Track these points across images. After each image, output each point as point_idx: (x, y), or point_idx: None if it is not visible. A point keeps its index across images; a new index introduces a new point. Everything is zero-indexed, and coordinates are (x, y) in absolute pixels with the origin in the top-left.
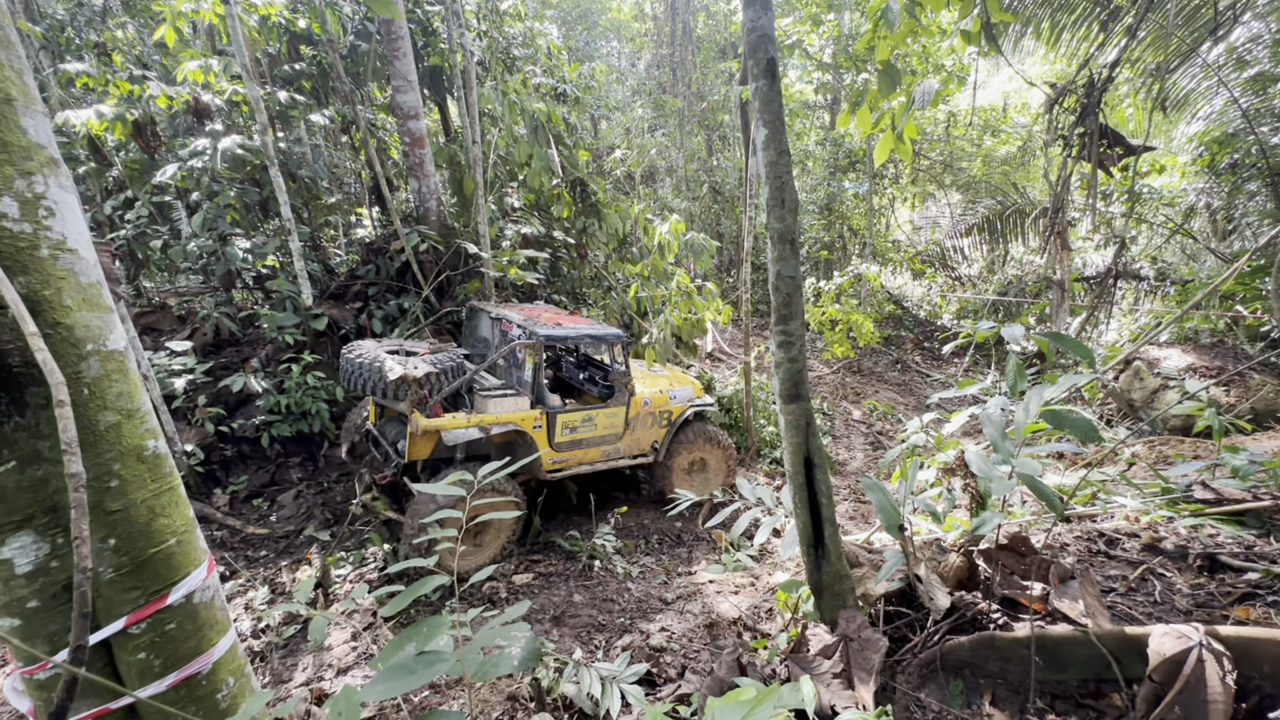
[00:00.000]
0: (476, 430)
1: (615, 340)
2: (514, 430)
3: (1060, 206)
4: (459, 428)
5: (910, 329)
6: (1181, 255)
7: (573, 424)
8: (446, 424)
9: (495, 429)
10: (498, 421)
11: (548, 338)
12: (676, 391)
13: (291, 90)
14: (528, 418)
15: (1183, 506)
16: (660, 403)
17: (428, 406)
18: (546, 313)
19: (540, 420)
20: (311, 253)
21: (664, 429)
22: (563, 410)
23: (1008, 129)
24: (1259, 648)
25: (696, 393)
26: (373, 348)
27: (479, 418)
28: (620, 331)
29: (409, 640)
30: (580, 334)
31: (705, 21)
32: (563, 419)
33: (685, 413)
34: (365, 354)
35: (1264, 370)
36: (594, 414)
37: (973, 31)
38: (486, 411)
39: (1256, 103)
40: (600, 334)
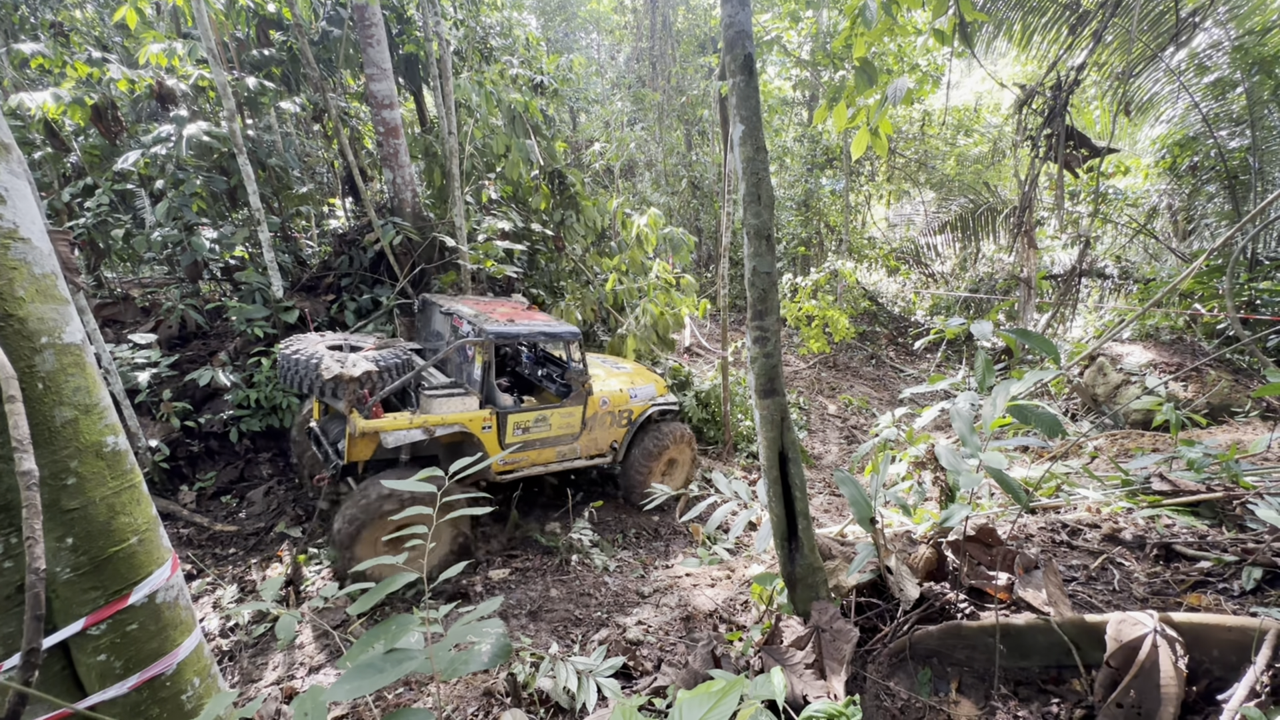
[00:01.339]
0: (419, 432)
1: (571, 338)
2: (461, 431)
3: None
4: (400, 429)
5: (885, 325)
6: (1144, 254)
7: (525, 424)
8: (387, 425)
9: (440, 430)
10: (443, 422)
11: (497, 335)
12: (638, 390)
13: (260, 76)
14: (476, 418)
15: (1141, 498)
16: (620, 401)
17: (366, 406)
18: (502, 307)
19: (490, 420)
20: (282, 243)
21: (624, 428)
22: (514, 410)
23: (980, 129)
24: (1210, 633)
25: (660, 391)
26: (314, 342)
27: (423, 418)
28: (576, 329)
29: (377, 638)
30: (534, 331)
31: (685, 15)
32: (514, 419)
33: (647, 412)
34: (303, 350)
35: (1219, 366)
36: (548, 413)
37: (946, 31)
38: (431, 411)
39: (1216, 107)
40: (555, 331)
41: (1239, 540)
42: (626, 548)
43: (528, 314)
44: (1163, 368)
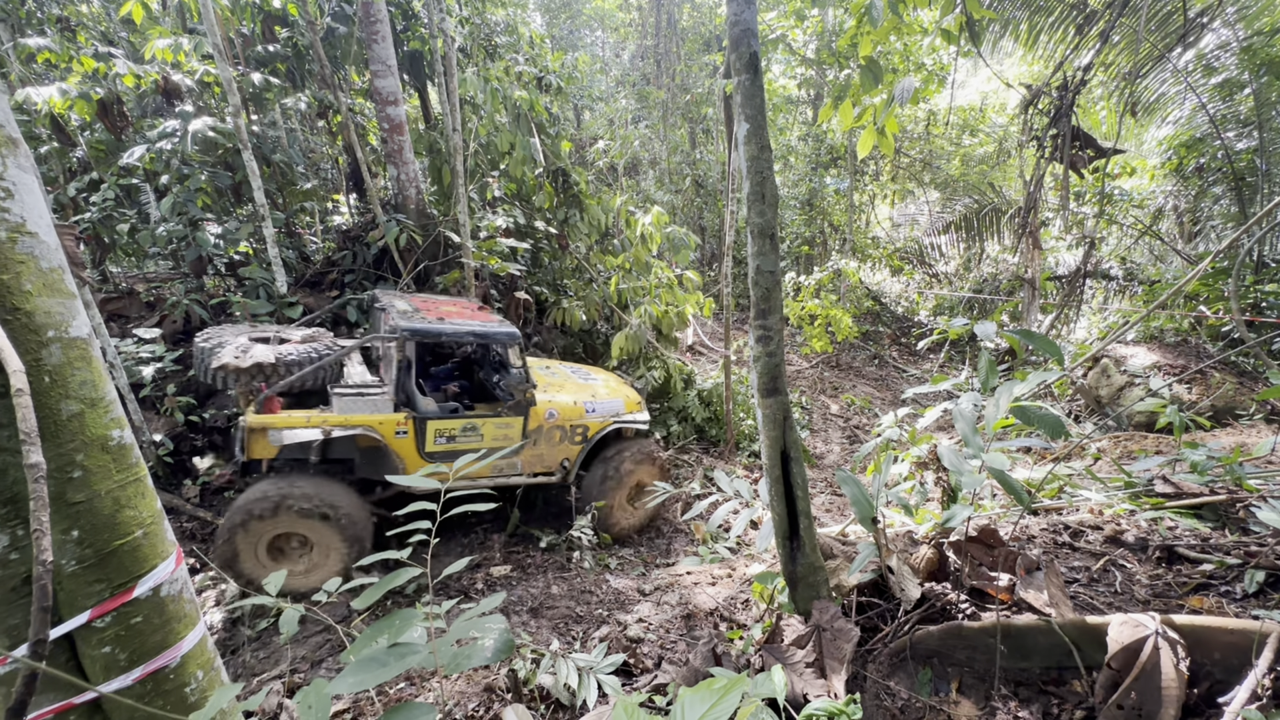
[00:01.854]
0: (316, 431)
1: (508, 340)
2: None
3: (1033, 206)
4: (294, 427)
5: (888, 325)
6: (1149, 256)
7: (450, 432)
8: (277, 421)
9: (339, 431)
10: (345, 423)
11: (410, 332)
12: (599, 404)
13: (266, 72)
14: (387, 422)
15: (1144, 500)
16: (572, 415)
17: (258, 399)
18: (449, 306)
19: (404, 426)
20: (286, 239)
21: (577, 445)
22: (435, 416)
23: (985, 129)
24: (1211, 636)
25: (629, 407)
26: (234, 333)
27: (322, 417)
28: (514, 331)
29: (381, 632)
30: (458, 330)
31: (690, 14)
32: (436, 426)
33: (606, 429)
34: (212, 339)
35: (1224, 369)
36: (479, 423)
37: (954, 30)
38: (337, 411)
39: (1223, 108)
40: (489, 332)
41: (1242, 543)
42: (627, 545)
43: (478, 314)
44: (1167, 370)
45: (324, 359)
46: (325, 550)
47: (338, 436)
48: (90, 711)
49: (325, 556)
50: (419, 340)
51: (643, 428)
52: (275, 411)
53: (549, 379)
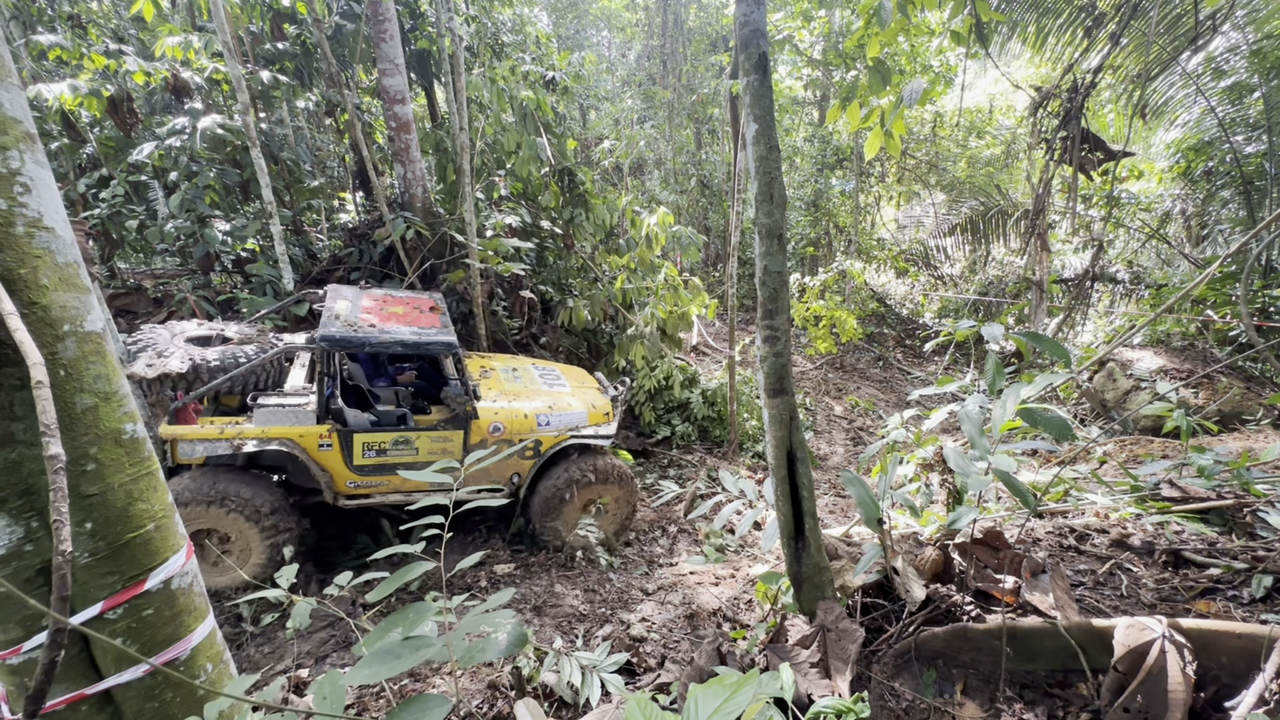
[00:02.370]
0: (225, 445)
1: (444, 350)
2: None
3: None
4: (204, 439)
5: (893, 327)
6: (1156, 260)
7: (380, 445)
8: (186, 433)
9: (252, 445)
10: (262, 435)
11: (329, 341)
12: (555, 416)
13: (274, 70)
14: (309, 434)
15: (1150, 504)
16: (521, 428)
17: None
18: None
19: (328, 438)
20: (293, 236)
21: (529, 460)
22: (362, 429)
23: (992, 131)
24: (1218, 640)
25: (593, 419)
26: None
27: (237, 429)
28: (451, 340)
29: (395, 625)
30: (384, 340)
31: (696, 14)
32: (363, 439)
33: (561, 444)
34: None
35: (1231, 373)
36: (412, 436)
37: (963, 32)
38: (256, 421)
39: (1232, 112)
40: (419, 341)
41: (1249, 548)
42: (631, 544)
43: (426, 315)
44: (1174, 374)
45: (245, 366)
46: (245, 547)
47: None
48: (101, 703)
49: (246, 554)
50: (338, 350)
51: (604, 443)
52: (191, 422)
53: (510, 385)
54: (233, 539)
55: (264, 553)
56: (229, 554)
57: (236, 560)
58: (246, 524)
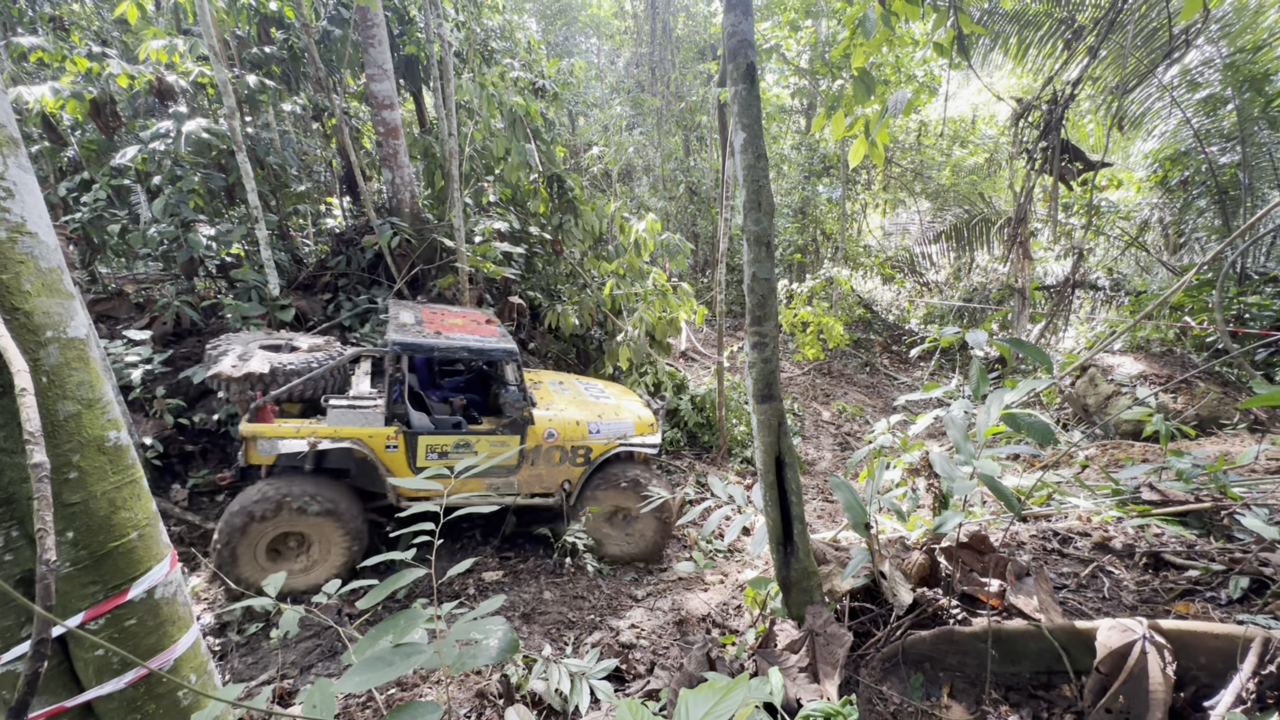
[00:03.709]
0: (302, 443)
1: (504, 357)
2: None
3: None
4: (281, 437)
5: (879, 333)
6: (1136, 267)
7: (441, 448)
8: (266, 431)
9: (326, 444)
10: (334, 435)
11: (401, 346)
12: (604, 425)
13: (261, 74)
14: (377, 435)
15: (1131, 507)
16: (573, 435)
17: (251, 408)
18: (456, 317)
19: (394, 440)
20: (279, 242)
21: (579, 467)
22: (427, 431)
23: (976, 140)
24: (1197, 640)
25: (639, 430)
26: (246, 340)
27: (311, 428)
28: (512, 347)
29: (385, 632)
30: (450, 345)
31: (685, 22)
32: (427, 441)
33: (610, 451)
34: (223, 344)
35: (1208, 378)
36: (472, 440)
37: (945, 43)
38: (329, 422)
39: (1207, 123)
40: (483, 348)
41: (1226, 550)
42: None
43: (484, 327)
44: (1153, 379)
45: (321, 369)
46: (325, 548)
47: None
48: (83, 714)
49: (325, 554)
50: (410, 354)
51: (651, 451)
52: (268, 420)
53: (559, 396)
54: (313, 542)
55: (342, 555)
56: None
57: (315, 562)
58: (328, 526)
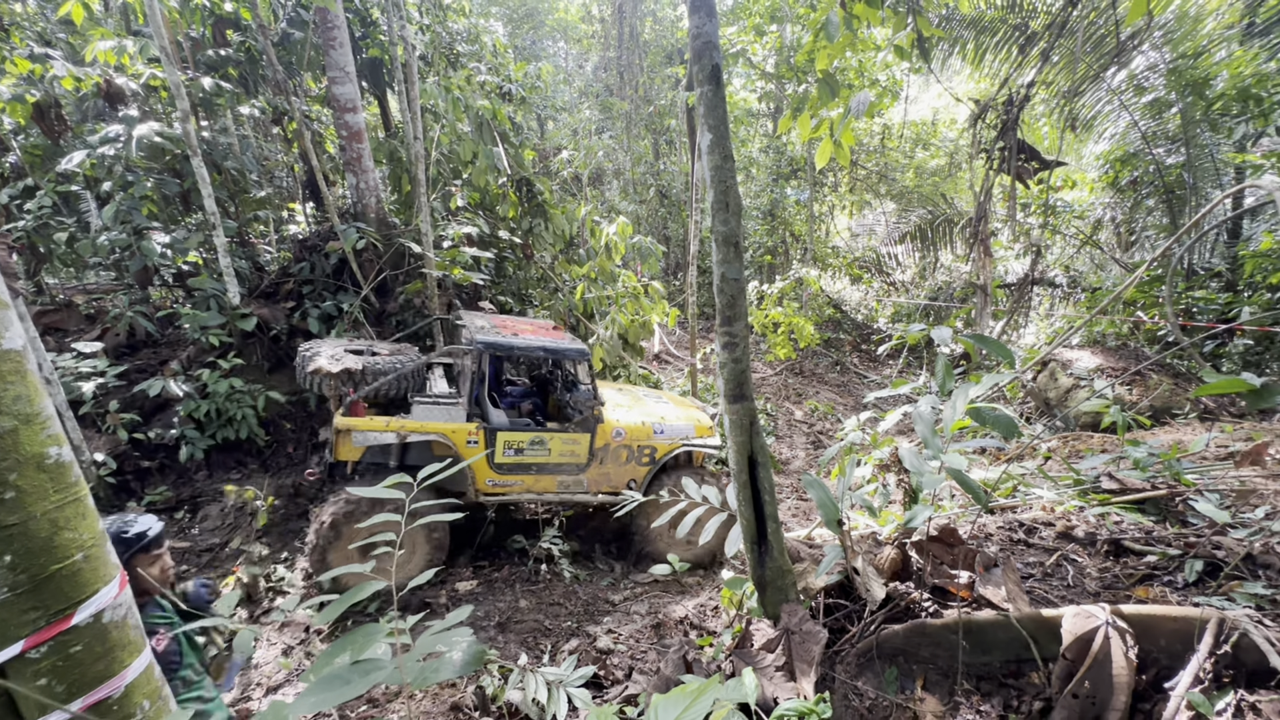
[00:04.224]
0: (392, 435)
1: (578, 357)
2: (443, 442)
3: (983, 216)
4: (373, 430)
5: (849, 332)
6: (1091, 265)
7: (518, 444)
8: (359, 424)
9: (414, 437)
10: (421, 429)
11: (486, 345)
12: (668, 425)
13: (217, 77)
14: (459, 430)
15: (1092, 496)
16: (640, 435)
17: (345, 402)
18: (524, 324)
19: (475, 435)
20: (239, 249)
21: (645, 467)
22: (505, 428)
23: (937, 143)
24: (1157, 624)
25: (700, 431)
26: (333, 344)
27: (400, 423)
28: (584, 348)
29: (343, 649)
30: (529, 345)
31: (652, 26)
32: (505, 437)
33: (674, 451)
34: (313, 347)
35: (1161, 370)
36: (546, 437)
37: (905, 47)
38: (414, 418)
39: (1153, 126)
40: (559, 348)
41: (1182, 535)
42: (597, 554)
43: (551, 332)
44: (1109, 372)
45: (406, 368)
46: (412, 547)
47: (414, 443)
48: None
49: (412, 553)
50: (492, 353)
51: (713, 452)
52: (360, 415)
53: (619, 400)
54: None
55: (427, 553)
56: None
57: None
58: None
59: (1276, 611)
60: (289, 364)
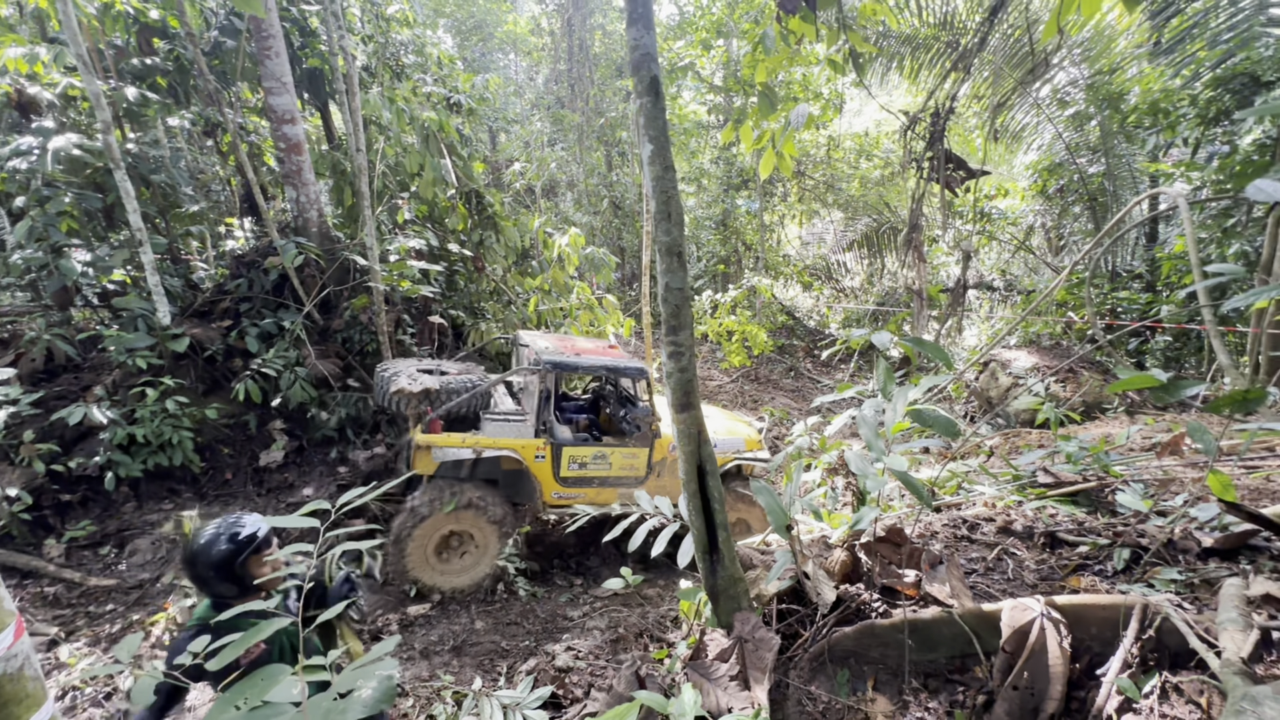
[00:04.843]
0: (468, 450)
1: (637, 374)
2: (514, 457)
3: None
4: (451, 446)
5: (802, 338)
6: (1025, 268)
7: (582, 459)
8: (438, 440)
9: (488, 452)
10: (493, 445)
11: (552, 365)
12: (720, 440)
13: (144, 86)
14: (528, 445)
15: (1029, 491)
16: None
17: (424, 420)
18: (584, 343)
19: (543, 450)
20: (170, 266)
21: None
22: (570, 443)
23: (879, 153)
24: (1088, 612)
25: (749, 445)
26: (408, 365)
27: (475, 439)
28: (642, 366)
29: (240, 695)
30: (594, 364)
31: (602, 40)
32: (570, 452)
33: (726, 465)
34: (391, 368)
35: (1091, 367)
36: (608, 451)
37: (839, 61)
38: (485, 434)
39: (1076, 137)
40: (620, 366)
41: (1111, 524)
42: (555, 570)
43: (609, 351)
44: (1044, 370)
45: (478, 387)
46: (483, 550)
47: (485, 458)
48: None
49: (482, 555)
50: (558, 371)
51: (764, 465)
52: (437, 432)
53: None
54: (476, 540)
55: (497, 549)
56: (469, 554)
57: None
58: (489, 526)
59: (1194, 595)
60: (226, 385)
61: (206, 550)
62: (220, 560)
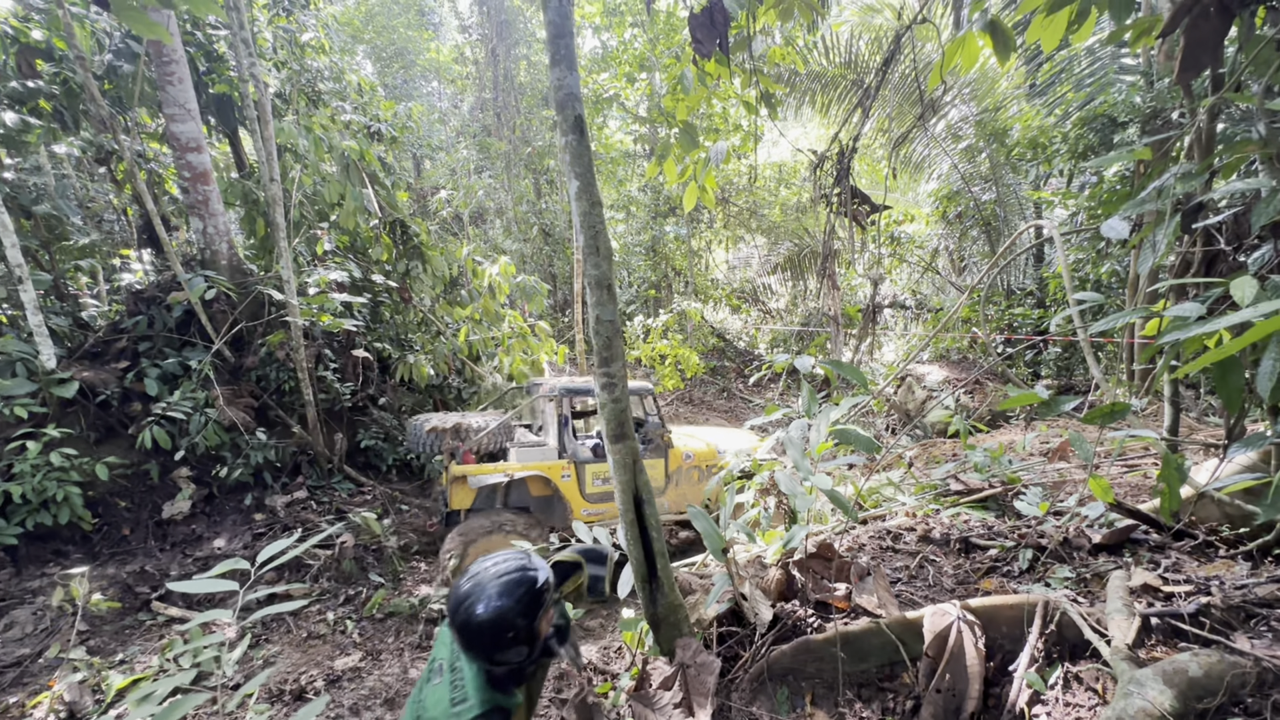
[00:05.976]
0: (501, 475)
1: (645, 393)
2: (543, 480)
3: (828, 253)
4: (485, 473)
5: (732, 359)
6: (933, 288)
7: (604, 475)
8: (473, 469)
9: (520, 475)
10: (523, 469)
11: (565, 390)
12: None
13: (24, 111)
14: (554, 467)
15: (944, 499)
16: (707, 457)
17: (458, 454)
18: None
19: (568, 470)
20: (56, 304)
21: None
22: (591, 460)
23: (796, 183)
24: (998, 613)
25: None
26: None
27: (506, 466)
28: (649, 386)
29: None
30: None
31: (527, 70)
32: (592, 469)
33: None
34: (419, 418)
35: (995, 379)
36: None
37: (752, 101)
38: (514, 461)
39: (969, 168)
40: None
41: (1016, 527)
42: None
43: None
44: (954, 384)
45: (499, 422)
46: None
47: (515, 483)
48: None
49: None
50: (572, 396)
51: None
52: (471, 462)
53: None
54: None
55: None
56: None
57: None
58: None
59: (1087, 589)
60: (122, 432)
61: (505, 605)
62: (525, 612)
